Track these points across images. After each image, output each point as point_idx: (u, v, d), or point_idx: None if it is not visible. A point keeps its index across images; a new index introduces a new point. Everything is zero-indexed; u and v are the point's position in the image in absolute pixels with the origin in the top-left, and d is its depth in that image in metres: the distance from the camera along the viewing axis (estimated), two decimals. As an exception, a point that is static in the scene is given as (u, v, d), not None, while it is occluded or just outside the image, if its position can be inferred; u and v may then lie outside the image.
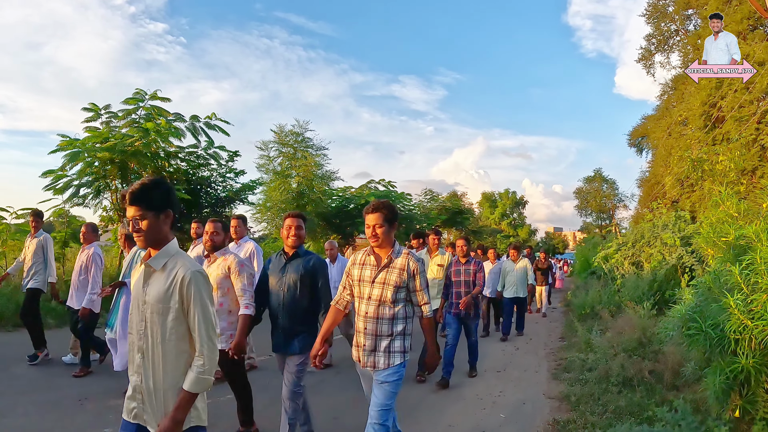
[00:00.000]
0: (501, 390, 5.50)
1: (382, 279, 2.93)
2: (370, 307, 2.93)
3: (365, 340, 2.92)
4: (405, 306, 2.98)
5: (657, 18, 21.23)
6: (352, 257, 3.14)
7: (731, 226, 3.82)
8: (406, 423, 4.27)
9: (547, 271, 13.16)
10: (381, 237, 2.94)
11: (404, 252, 2.99)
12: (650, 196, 20.99)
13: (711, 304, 3.43)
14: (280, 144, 17.41)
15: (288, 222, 3.59)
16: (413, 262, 2.94)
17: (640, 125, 27.65)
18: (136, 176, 11.19)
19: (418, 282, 2.94)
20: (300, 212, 3.73)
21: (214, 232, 3.80)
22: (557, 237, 65.12)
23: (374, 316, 2.91)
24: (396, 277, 2.91)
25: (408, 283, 2.94)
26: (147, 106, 11.28)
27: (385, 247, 2.99)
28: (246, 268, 3.76)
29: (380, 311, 2.91)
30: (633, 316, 7.18)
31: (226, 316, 3.74)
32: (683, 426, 3.31)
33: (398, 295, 2.91)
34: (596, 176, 47.36)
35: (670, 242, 9.36)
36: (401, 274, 2.91)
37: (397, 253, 2.98)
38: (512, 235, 47.56)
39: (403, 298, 2.95)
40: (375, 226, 2.94)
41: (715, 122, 15.00)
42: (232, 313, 3.74)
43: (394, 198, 19.53)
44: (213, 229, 3.81)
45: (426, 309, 2.98)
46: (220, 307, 3.71)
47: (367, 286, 2.96)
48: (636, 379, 5.02)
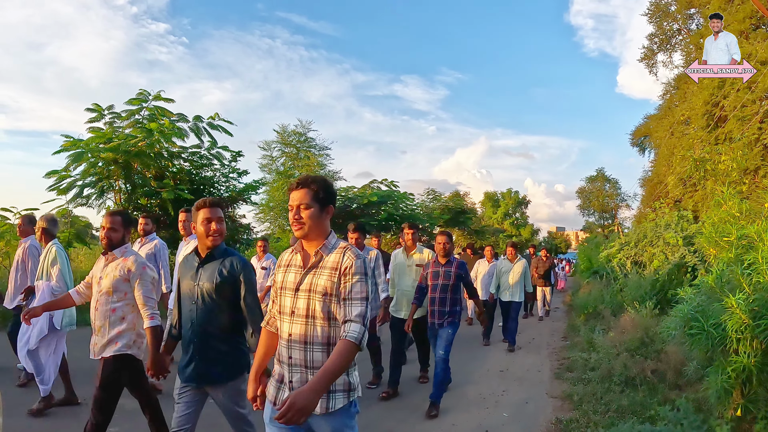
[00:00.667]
0: (504, 389, 5.52)
1: (308, 285, 2.07)
2: (294, 327, 2.06)
3: (291, 374, 2.06)
4: None
5: (659, 17, 21.22)
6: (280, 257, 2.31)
7: (733, 226, 3.83)
8: (409, 422, 4.29)
9: (549, 271, 12.11)
10: (307, 223, 2.08)
11: (341, 245, 2.14)
12: (653, 196, 20.96)
13: (713, 303, 3.45)
14: (282, 144, 17.53)
15: (203, 214, 2.74)
16: (349, 257, 2.07)
17: (643, 125, 27.61)
18: (139, 176, 11.26)
19: (349, 285, 2.03)
20: (218, 200, 2.98)
21: (110, 227, 3.21)
22: (560, 237, 65.12)
23: (301, 340, 2.04)
24: (326, 281, 2.05)
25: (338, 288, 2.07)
26: (150, 107, 11.34)
27: (315, 238, 2.12)
28: (148, 272, 3.20)
29: (309, 332, 2.04)
30: (635, 315, 7.20)
31: (118, 323, 3.15)
32: (685, 425, 3.33)
33: (331, 307, 2.05)
34: (599, 176, 47.31)
35: (672, 242, 9.36)
36: (332, 276, 2.06)
37: (330, 247, 2.13)
38: (515, 235, 47.49)
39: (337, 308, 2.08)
40: (300, 207, 2.09)
41: (717, 122, 14.99)
42: (125, 321, 3.16)
43: (397, 198, 19.58)
44: (109, 223, 3.22)
45: (353, 329, 1.96)
46: (112, 313, 3.14)
47: (290, 296, 2.11)
48: (638, 379, 5.04)
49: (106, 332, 3.13)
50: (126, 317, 3.17)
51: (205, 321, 2.70)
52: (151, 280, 3.19)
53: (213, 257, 2.76)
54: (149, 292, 3.15)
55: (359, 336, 1.95)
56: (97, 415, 3.05)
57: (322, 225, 2.13)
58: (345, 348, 1.93)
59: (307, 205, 2.09)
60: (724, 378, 3.17)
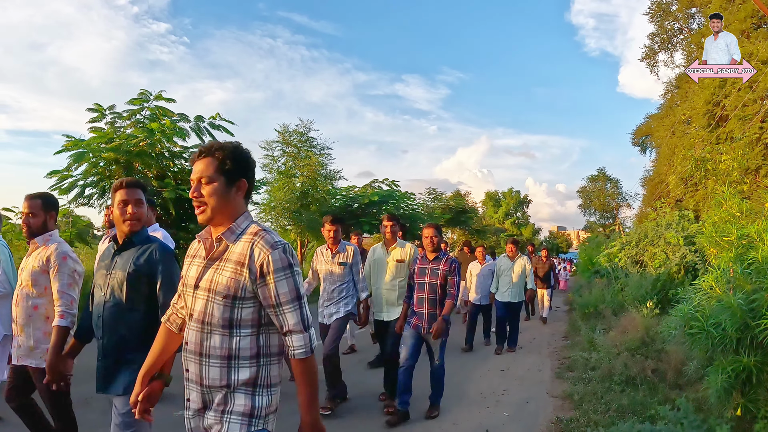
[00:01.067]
0: (505, 388, 5.53)
1: (207, 283, 1.66)
2: (191, 333, 1.68)
3: (189, 390, 1.71)
4: (258, 334, 1.66)
5: (660, 16, 21.24)
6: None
7: (733, 226, 3.84)
8: (409, 421, 4.30)
9: (549, 273, 11.48)
10: (209, 202, 1.65)
11: (251, 230, 1.68)
12: (654, 195, 20.97)
13: (713, 303, 3.45)
14: (284, 144, 17.53)
15: (119, 195, 2.38)
16: (263, 248, 1.61)
17: (644, 124, 27.63)
18: (140, 176, 11.29)
19: (272, 288, 1.60)
20: (137, 180, 2.53)
21: (28, 212, 2.85)
22: (561, 236, 65.11)
23: (196, 351, 1.65)
24: (228, 279, 1.62)
25: (255, 290, 1.62)
26: (152, 107, 11.35)
27: (222, 222, 1.69)
28: (69, 263, 2.78)
29: (205, 342, 1.64)
30: (636, 315, 7.21)
31: (42, 324, 2.82)
32: (685, 424, 3.33)
33: (235, 313, 1.62)
34: (600, 175, 47.34)
35: (673, 241, 9.36)
36: (237, 272, 1.62)
37: (237, 232, 1.68)
38: (516, 234, 47.50)
39: (250, 318, 1.64)
40: (201, 181, 1.66)
41: (718, 121, 14.99)
42: (50, 321, 2.78)
43: (398, 197, 19.59)
44: (28, 208, 2.85)
45: (296, 342, 1.63)
46: (34, 311, 2.81)
47: (189, 294, 1.71)
48: (639, 378, 5.04)
49: (30, 334, 2.82)
50: (51, 316, 2.79)
51: (113, 318, 2.30)
52: (70, 272, 2.78)
53: (131, 244, 2.38)
54: (66, 287, 2.73)
55: (306, 347, 1.64)
56: (60, 425, 2.85)
57: (231, 204, 1.69)
58: (297, 369, 1.66)
59: (210, 179, 1.66)
60: (724, 378, 3.17)
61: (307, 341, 1.64)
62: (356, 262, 4.85)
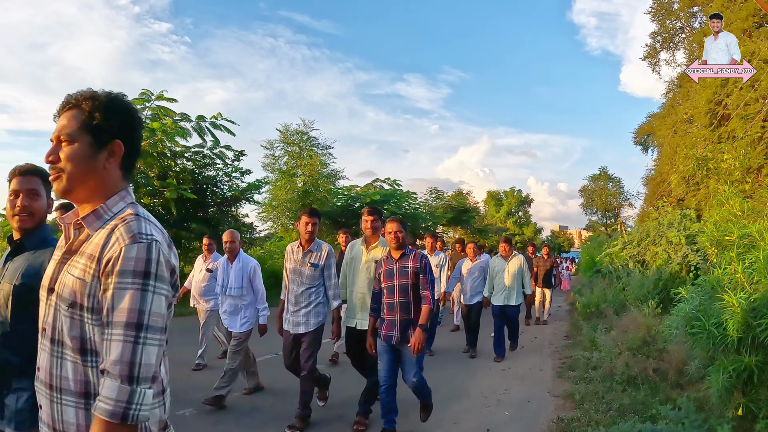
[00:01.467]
0: (506, 388, 5.53)
1: (58, 284, 1.22)
2: (42, 356, 1.24)
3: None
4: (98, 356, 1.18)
5: (662, 15, 21.19)
6: None
7: (735, 225, 3.84)
8: (410, 420, 4.30)
9: (550, 272, 11.07)
10: (66, 168, 1.21)
11: (123, 215, 1.22)
12: (656, 195, 20.92)
13: (715, 302, 3.45)
14: (285, 143, 17.55)
15: (12, 185, 1.94)
16: (121, 236, 1.16)
17: (646, 123, 27.56)
18: (142, 176, 11.31)
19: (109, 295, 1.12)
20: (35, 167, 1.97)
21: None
22: (563, 235, 65.06)
23: (47, 382, 1.21)
24: (75, 277, 1.18)
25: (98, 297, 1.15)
26: (153, 107, 11.39)
27: (86, 199, 1.25)
28: None
29: (56, 370, 1.20)
30: (638, 314, 7.20)
31: None
32: (687, 424, 3.33)
33: (86, 331, 1.17)
34: (601, 174, 47.16)
35: (675, 241, 9.35)
36: (87, 269, 1.17)
37: (104, 218, 1.23)
38: (517, 234, 47.48)
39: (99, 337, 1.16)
40: (59, 140, 1.23)
41: (720, 120, 14.97)
42: None
43: (400, 197, 19.60)
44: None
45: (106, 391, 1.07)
46: None
47: (44, 301, 1.27)
48: (640, 378, 5.04)
49: None
50: None
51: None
52: None
53: (23, 248, 1.90)
54: None
55: (119, 405, 1.06)
56: None
57: (98, 175, 1.24)
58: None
59: (70, 137, 1.21)
60: (726, 377, 3.18)
61: (125, 397, 1.06)
62: (329, 265, 4.26)
